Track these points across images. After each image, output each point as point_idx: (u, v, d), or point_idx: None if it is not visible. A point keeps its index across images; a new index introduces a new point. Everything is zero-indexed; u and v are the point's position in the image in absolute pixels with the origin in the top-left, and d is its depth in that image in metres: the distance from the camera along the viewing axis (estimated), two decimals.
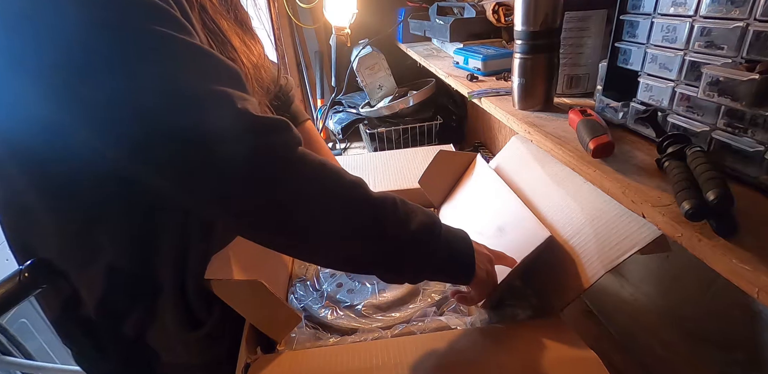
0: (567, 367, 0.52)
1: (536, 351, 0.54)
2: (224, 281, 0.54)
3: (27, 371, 1.24)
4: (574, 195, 0.67)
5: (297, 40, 1.71)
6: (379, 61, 1.47)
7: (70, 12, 0.35)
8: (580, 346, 0.54)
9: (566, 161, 0.57)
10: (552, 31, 0.66)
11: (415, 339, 0.59)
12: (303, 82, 1.80)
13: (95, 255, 0.52)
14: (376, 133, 1.45)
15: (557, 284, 0.63)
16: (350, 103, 1.65)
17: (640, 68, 0.55)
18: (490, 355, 0.55)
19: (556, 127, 0.64)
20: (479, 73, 0.96)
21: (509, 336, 0.58)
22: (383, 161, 1.15)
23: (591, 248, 0.59)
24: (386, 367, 0.54)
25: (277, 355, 0.59)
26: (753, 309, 0.56)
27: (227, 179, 0.41)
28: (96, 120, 0.39)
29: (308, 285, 0.78)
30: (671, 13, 0.49)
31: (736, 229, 0.37)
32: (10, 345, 1.24)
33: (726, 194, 0.36)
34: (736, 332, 0.60)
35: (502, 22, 1.09)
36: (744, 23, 0.40)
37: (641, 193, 0.45)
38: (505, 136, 1.29)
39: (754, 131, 0.41)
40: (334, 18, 1.38)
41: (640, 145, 0.56)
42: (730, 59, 0.43)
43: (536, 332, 0.58)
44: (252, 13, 0.60)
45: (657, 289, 0.74)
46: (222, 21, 0.49)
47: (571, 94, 0.76)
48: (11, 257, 0.55)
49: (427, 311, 0.69)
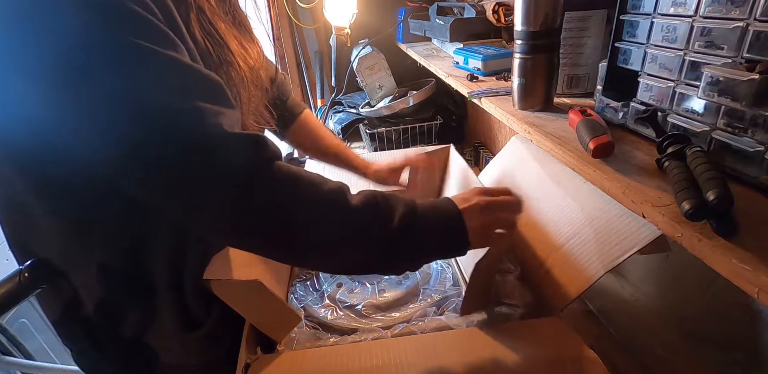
0: (567, 367, 0.52)
1: (536, 350, 0.54)
2: (224, 281, 0.54)
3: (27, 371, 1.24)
4: (574, 195, 0.67)
5: (297, 40, 1.71)
6: (379, 61, 1.47)
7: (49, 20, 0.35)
8: (580, 346, 0.54)
9: (566, 161, 0.57)
10: (552, 31, 0.66)
11: (415, 339, 0.59)
12: (303, 82, 1.79)
13: (94, 256, 0.52)
14: (376, 133, 1.45)
15: (557, 284, 0.63)
16: (350, 103, 1.65)
17: (640, 68, 0.55)
18: (490, 355, 0.55)
19: (556, 127, 0.64)
20: (479, 73, 0.96)
21: (509, 336, 0.58)
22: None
23: (591, 248, 0.59)
24: (386, 367, 0.54)
25: (277, 355, 0.59)
26: (753, 309, 0.56)
27: (198, 197, 0.42)
28: (77, 126, 0.39)
29: (308, 285, 0.78)
30: (671, 13, 0.49)
31: (736, 229, 0.37)
32: (10, 345, 1.24)
33: (726, 194, 0.36)
34: (736, 332, 0.60)
35: (502, 22, 1.09)
36: (744, 23, 0.40)
37: (641, 193, 0.45)
38: (505, 136, 1.29)
39: (754, 131, 0.41)
40: (334, 18, 1.38)
41: (640, 145, 0.56)
42: (730, 59, 0.43)
43: (536, 332, 0.58)
44: (251, 14, 0.60)
45: (657, 289, 0.74)
46: (220, 23, 0.49)
47: (571, 94, 0.76)
48: (11, 257, 0.55)
49: (427, 311, 0.69)
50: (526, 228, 0.76)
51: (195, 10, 0.46)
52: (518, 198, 0.55)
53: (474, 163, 1.47)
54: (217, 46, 0.48)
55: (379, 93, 1.53)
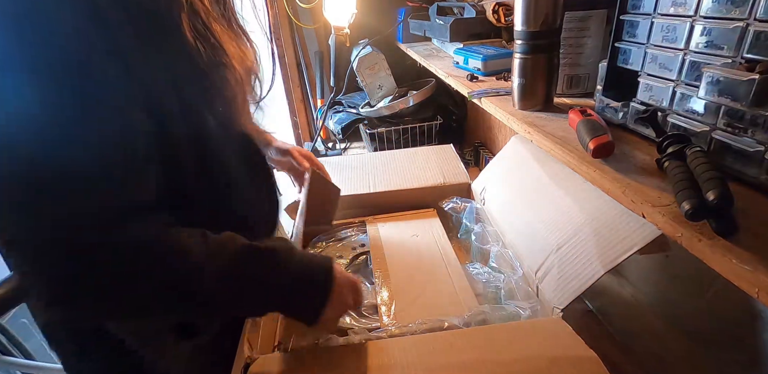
0: (567, 367, 0.52)
1: (536, 350, 0.54)
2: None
3: (27, 371, 1.24)
4: (574, 195, 0.67)
5: (297, 40, 1.71)
6: (379, 61, 1.47)
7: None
8: (580, 346, 0.54)
9: (566, 161, 0.57)
10: (552, 31, 0.66)
11: (414, 339, 0.59)
12: (303, 82, 1.79)
13: None
14: (376, 133, 1.45)
15: (557, 284, 0.63)
16: (350, 103, 1.65)
17: (640, 68, 0.55)
18: (489, 355, 0.54)
19: (556, 127, 0.64)
20: (479, 73, 0.96)
21: (509, 336, 0.58)
22: (383, 161, 1.15)
23: (591, 248, 0.59)
24: (386, 367, 0.54)
25: (276, 355, 0.59)
26: (753, 309, 0.56)
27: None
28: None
29: None
30: (671, 13, 0.49)
31: (736, 229, 0.37)
32: (10, 345, 1.24)
33: (726, 194, 0.36)
34: (736, 332, 0.60)
35: (502, 22, 1.09)
36: (744, 23, 0.40)
37: (641, 193, 0.45)
38: (505, 135, 1.29)
39: (754, 131, 0.41)
40: (334, 18, 1.37)
41: (640, 145, 0.56)
42: (730, 59, 0.43)
43: (536, 332, 0.58)
44: (251, 14, 0.59)
45: (657, 289, 0.74)
46: (215, 25, 0.49)
47: (571, 94, 0.76)
48: None
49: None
50: (525, 228, 0.76)
51: (187, 11, 0.46)
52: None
53: (474, 163, 1.47)
54: (211, 48, 0.48)
55: (379, 93, 1.53)
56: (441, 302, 0.70)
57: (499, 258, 0.77)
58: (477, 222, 0.88)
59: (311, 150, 1.43)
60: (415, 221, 0.95)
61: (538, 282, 0.67)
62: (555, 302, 0.62)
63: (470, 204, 0.92)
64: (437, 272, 0.78)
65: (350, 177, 1.08)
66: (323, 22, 1.60)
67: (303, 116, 1.86)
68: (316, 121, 1.83)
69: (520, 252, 0.75)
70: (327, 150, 1.57)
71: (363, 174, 1.09)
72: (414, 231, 0.91)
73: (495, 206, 0.88)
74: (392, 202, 1.00)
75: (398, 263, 0.81)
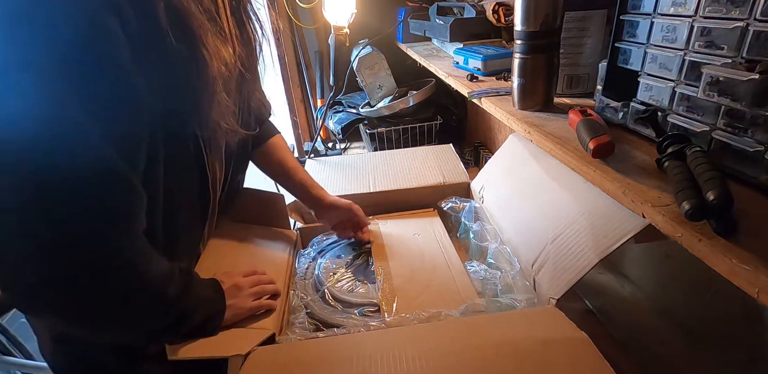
0: (557, 347, 0.52)
1: (528, 333, 0.55)
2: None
3: (27, 371, 1.25)
4: (569, 188, 0.67)
5: (297, 40, 1.71)
6: (379, 61, 1.47)
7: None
8: (571, 328, 0.55)
9: (566, 161, 0.57)
10: (552, 31, 0.66)
11: (410, 330, 0.59)
12: (303, 82, 1.80)
13: None
14: (376, 133, 1.45)
15: (552, 274, 0.63)
16: (350, 103, 1.65)
17: (640, 68, 0.55)
18: (482, 340, 0.55)
19: (556, 127, 0.64)
20: (479, 73, 0.96)
21: (503, 322, 0.58)
22: (383, 161, 1.15)
23: (585, 238, 0.60)
24: (381, 356, 0.54)
25: (274, 346, 0.58)
26: (753, 309, 0.56)
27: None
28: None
29: (308, 284, 0.78)
30: (671, 13, 0.49)
31: (736, 229, 0.37)
32: (10, 345, 1.24)
33: (726, 194, 0.36)
34: (736, 332, 0.60)
35: (502, 22, 1.09)
36: (744, 23, 0.40)
37: (641, 193, 0.45)
38: (504, 135, 1.29)
39: (754, 131, 0.41)
40: (333, 18, 1.37)
41: (640, 145, 0.56)
42: (730, 59, 0.43)
43: (529, 318, 0.58)
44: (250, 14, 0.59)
45: (657, 289, 0.74)
46: (192, 18, 0.47)
47: (571, 94, 0.76)
48: None
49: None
50: (522, 221, 0.76)
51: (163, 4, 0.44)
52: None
53: (474, 163, 1.47)
54: (186, 38, 0.46)
55: (379, 93, 1.53)
56: (443, 300, 0.70)
57: (497, 254, 0.77)
58: (476, 221, 0.88)
59: (311, 150, 1.43)
60: (416, 220, 0.96)
61: (534, 275, 0.67)
62: (551, 293, 0.62)
63: (469, 203, 0.92)
64: (439, 271, 0.78)
65: (350, 177, 1.08)
66: (323, 22, 1.60)
67: (303, 116, 1.86)
68: (316, 120, 1.83)
69: (518, 246, 0.75)
70: (327, 150, 1.57)
71: (363, 174, 1.09)
72: (415, 230, 0.91)
73: (493, 203, 0.88)
74: (392, 202, 1.00)
75: (400, 262, 0.81)
